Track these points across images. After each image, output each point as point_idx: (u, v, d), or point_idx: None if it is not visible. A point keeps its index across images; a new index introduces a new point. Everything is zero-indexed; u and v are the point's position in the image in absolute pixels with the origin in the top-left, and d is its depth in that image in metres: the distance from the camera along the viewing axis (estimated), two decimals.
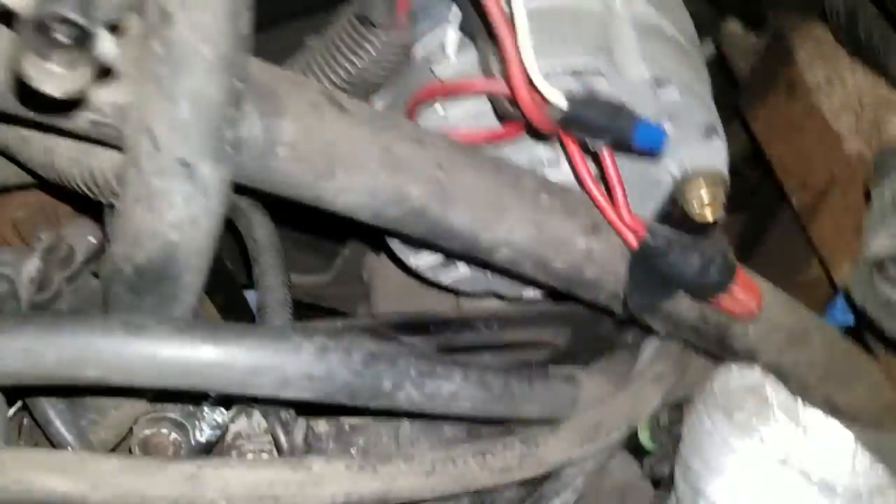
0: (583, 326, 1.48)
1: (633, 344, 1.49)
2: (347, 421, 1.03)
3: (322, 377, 0.74)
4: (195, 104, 0.71)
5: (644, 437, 1.15)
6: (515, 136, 1.00)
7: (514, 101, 0.88)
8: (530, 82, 0.82)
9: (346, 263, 1.58)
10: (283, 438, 0.86)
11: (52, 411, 0.83)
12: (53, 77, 0.53)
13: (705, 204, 1.01)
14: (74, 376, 0.67)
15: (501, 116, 0.96)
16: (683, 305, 1.04)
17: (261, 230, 1.13)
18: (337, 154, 0.88)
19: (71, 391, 0.86)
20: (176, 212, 0.74)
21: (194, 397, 0.91)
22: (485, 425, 1.03)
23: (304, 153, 0.86)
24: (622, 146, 0.88)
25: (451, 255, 1.15)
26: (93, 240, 1.14)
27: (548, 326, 1.47)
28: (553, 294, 1.40)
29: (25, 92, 0.67)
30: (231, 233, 1.27)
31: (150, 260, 0.76)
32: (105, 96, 0.81)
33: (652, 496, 1.12)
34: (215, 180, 0.76)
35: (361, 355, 0.76)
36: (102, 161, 0.93)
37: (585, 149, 0.91)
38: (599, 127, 0.84)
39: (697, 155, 1.05)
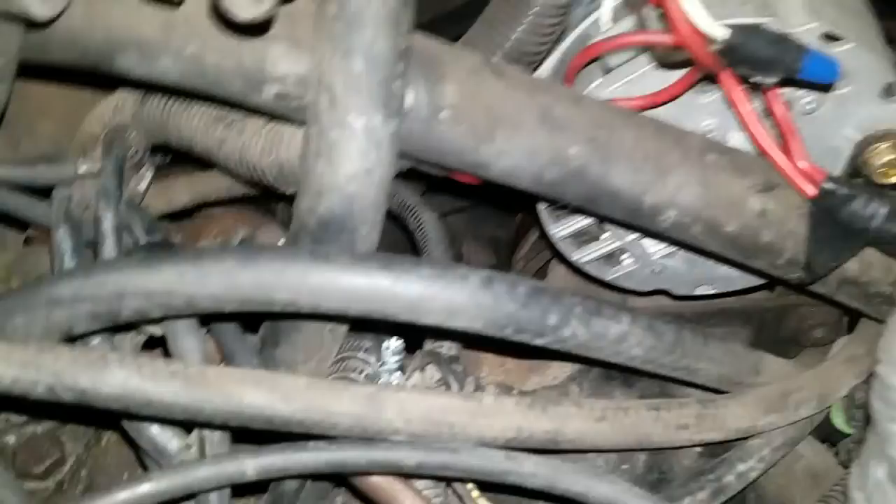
0: (765, 325, 1.41)
1: (822, 343, 1.40)
2: (516, 387, 1.04)
3: (488, 306, 0.76)
4: (367, 58, 0.79)
5: (839, 421, 1.06)
6: (676, 95, 1.00)
7: (675, 46, 0.90)
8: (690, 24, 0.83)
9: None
10: (455, 387, 0.89)
11: (247, 367, 0.91)
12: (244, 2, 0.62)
13: (888, 166, 0.96)
14: (267, 299, 0.74)
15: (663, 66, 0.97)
16: (870, 259, 0.98)
17: (430, 226, 1.19)
18: (497, 115, 0.93)
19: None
20: (352, 164, 0.82)
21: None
22: (658, 398, 1.00)
23: (466, 116, 0.92)
24: (790, 81, 0.86)
25: (614, 222, 1.15)
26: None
27: (725, 325, 1.42)
28: (727, 291, 1.35)
29: None
30: (402, 231, 1.35)
31: (331, 212, 0.84)
32: (286, 68, 0.92)
33: None
34: (386, 133, 0.83)
35: (526, 288, 0.78)
36: (291, 151, 1.04)
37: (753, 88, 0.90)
38: (765, 58, 0.83)
39: (877, 115, 1.00)
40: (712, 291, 1.34)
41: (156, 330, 0.89)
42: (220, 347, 0.94)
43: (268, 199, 1.47)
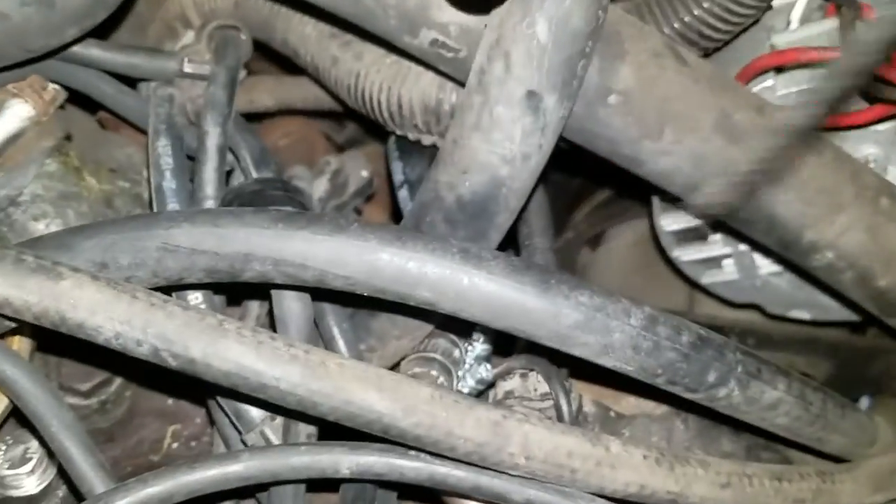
0: (850, 363, 1.33)
1: None
2: (613, 408, 0.97)
3: (647, 351, 0.67)
4: (558, 30, 0.67)
5: None
6: (862, 124, 0.90)
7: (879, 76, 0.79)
8: None
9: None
10: (565, 407, 0.81)
11: (336, 329, 0.82)
12: None
13: None
14: (405, 294, 0.65)
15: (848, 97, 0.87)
16: None
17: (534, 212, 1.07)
18: (670, 110, 0.82)
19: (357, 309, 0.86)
20: (512, 145, 0.71)
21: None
22: (764, 451, 0.93)
23: (637, 105, 0.81)
24: None
25: (757, 248, 1.06)
26: (365, 174, 1.15)
27: (809, 355, 1.34)
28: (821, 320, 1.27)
29: None
30: None
31: (473, 192, 0.73)
32: (453, 16, 0.80)
33: None
34: (556, 117, 0.72)
35: (691, 336, 0.69)
36: (414, 91, 0.92)
37: None
38: None
39: None
40: (807, 317, 1.26)
41: None
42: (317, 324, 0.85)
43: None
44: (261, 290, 0.78)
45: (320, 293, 0.80)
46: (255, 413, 0.77)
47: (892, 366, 1.31)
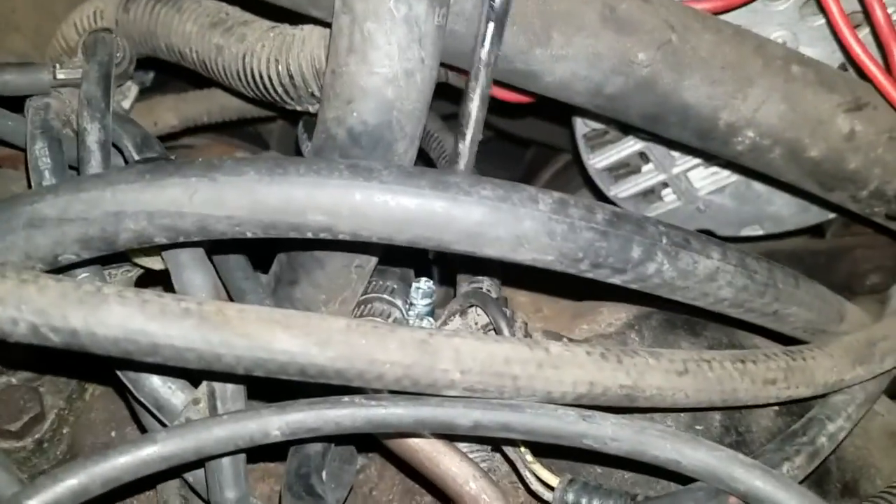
0: (816, 270, 1.30)
1: (878, 289, 1.29)
2: (564, 334, 0.92)
3: (562, 235, 0.63)
4: None
5: None
6: None
7: None
8: None
9: None
10: (506, 330, 0.76)
11: (246, 282, 0.78)
12: None
13: None
14: (297, 223, 0.61)
15: None
16: None
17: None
18: (553, 12, 0.79)
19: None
20: (391, 62, 0.68)
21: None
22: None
23: (518, 12, 0.78)
24: None
25: (678, 146, 1.03)
26: None
27: None
28: (775, 234, 1.24)
29: None
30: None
31: (363, 122, 0.70)
32: None
33: None
34: (431, 26, 0.69)
35: (606, 214, 0.65)
36: (301, 58, 0.90)
37: None
38: None
39: None
40: (760, 233, 1.23)
41: (153, 262, 0.75)
42: (226, 286, 0.81)
43: (264, 122, 1.32)
44: None
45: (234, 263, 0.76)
46: (177, 400, 0.71)
47: (858, 263, 1.28)
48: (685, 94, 0.83)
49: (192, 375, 0.73)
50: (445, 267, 0.99)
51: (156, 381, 0.71)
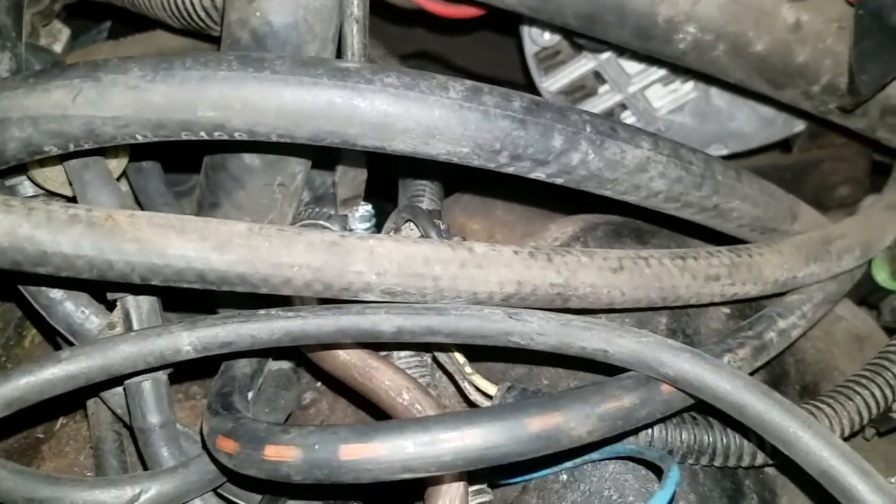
0: (784, 184, 1.26)
1: (848, 202, 1.26)
2: None
3: (476, 123, 0.60)
4: None
5: (882, 276, 0.92)
6: None
7: None
8: None
9: None
10: (433, 232, 0.73)
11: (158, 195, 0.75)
12: None
13: None
14: (186, 120, 0.57)
15: None
16: None
17: None
18: None
19: None
20: None
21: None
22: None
23: None
24: None
25: (621, 49, 0.98)
26: None
27: None
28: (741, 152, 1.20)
29: None
30: None
31: (267, 23, 0.66)
32: None
33: None
34: None
35: (523, 101, 0.62)
36: None
37: None
38: None
39: None
40: (725, 152, 1.19)
41: (61, 186, 0.72)
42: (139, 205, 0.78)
43: None
44: None
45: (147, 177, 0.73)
46: (91, 325, 0.69)
47: (826, 176, 1.24)
48: None
49: (106, 298, 0.70)
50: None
51: (69, 306, 0.68)
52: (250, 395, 0.68)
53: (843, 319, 0.91)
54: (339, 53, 0.72)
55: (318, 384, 0.93)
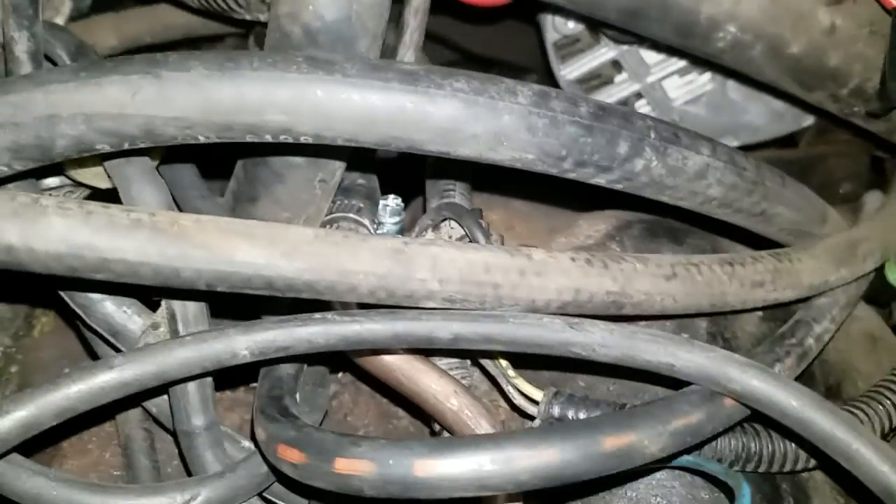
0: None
1: (850, 198, 1.28)
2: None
3: (545, 129, 0.59)
4: None
5: (895, 277, 0.94)
6: None
7: None
8: None
9: None
10: (482, 240, 0.72)
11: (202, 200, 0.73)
12: None
13: None
14: (253, 123, 0.55)
15: None
16: None
17: None
18: None
19: None
20: None
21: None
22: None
23: None
24: None
25: (657, 45, 0.98)
26: None
27: None
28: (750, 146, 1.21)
29: None
30: None
31: (320, 17, 0.63)
32: None
33: None
34: None
35: (590, 107, 0.61)
36: None
37: None
38: None
39: None
40: (736, 144, 1.20)
41: (97, 179, 0.69)
42: (179, 207, 0.75)
43: (213, 42, 1.23)
44: None
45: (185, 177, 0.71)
46: (134, 325, 0.66)
47: (831, 171, 1.25)
48: None
49: (149, 298, 0.68)
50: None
51: (109, 306, 0.66)
52: (298, 396, 0.67)
53: (858, 320, 0.93)
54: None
55: (340, 375, 0.92)
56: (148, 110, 0.54)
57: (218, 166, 0.80)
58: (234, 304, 0.72)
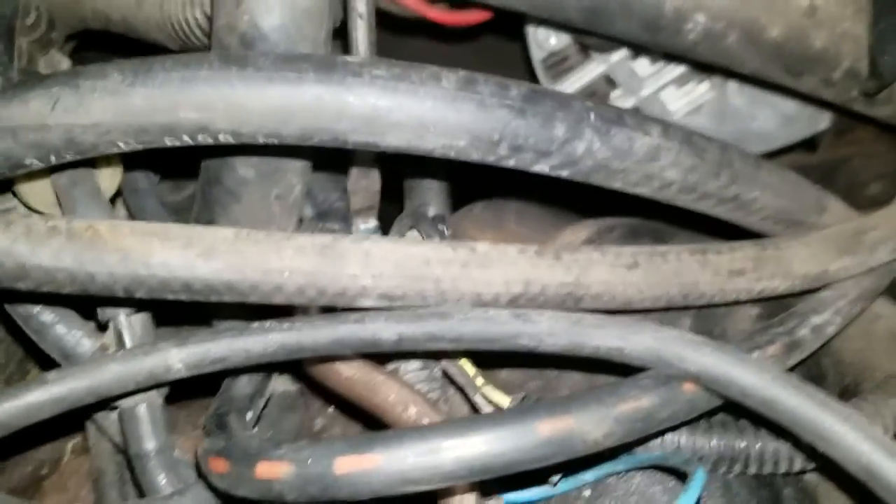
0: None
1: (881, 199, 1.20)
2: None
3: (472, 114, 0.56)
4: None
5: None
6: None
7: None
8: None
9: None
10: (436, 237, 0.70)
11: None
12: None
13: None
14: (168, 123, 0.55)
15: None
16: None
17: None
18: None
19: None
20: None
21: None
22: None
23: None
24: None
25: (630, 45, 0.95)
26: None
27: None
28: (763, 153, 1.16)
29: None
30: None
31: (255, 26, 0.64)
32: None
33: None
34: None
35: (522, 89, 0.58)
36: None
37: None
38: None
39: None
40: None
41: (52, 208, 0.70)
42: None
43: None
44: None
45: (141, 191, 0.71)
46: (83, 348, 0.66)
47: (856, 173, 1.19)
48: None
49: (100, 321, 0.67)
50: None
51: (60, 330, 0.66)
52: (249, 415, 0.65)
53: (882, 318, 0.85)
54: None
55: (330, 409, 0.89)
56: (67, 119, 0.55)
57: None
58: (194, 319, 0.72)
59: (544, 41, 1.05)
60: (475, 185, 0.94)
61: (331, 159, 0.81)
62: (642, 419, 0.52)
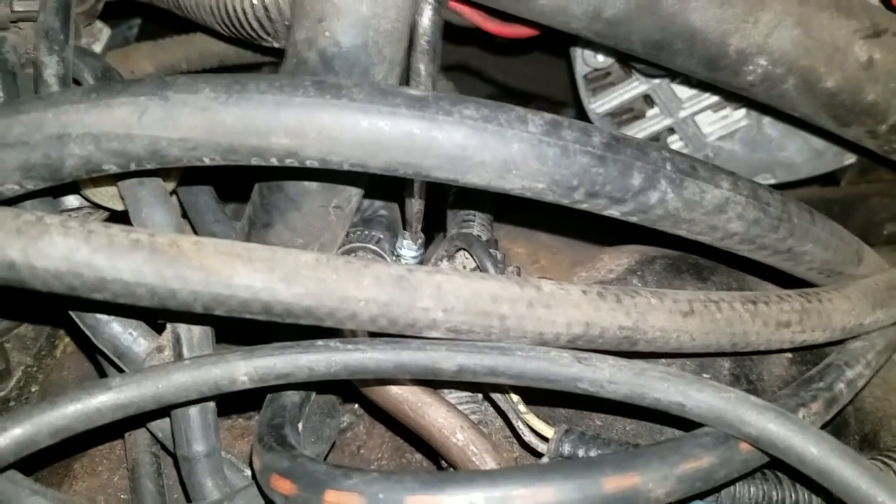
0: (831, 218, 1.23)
1: (893, 239, 1.23)
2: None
3: (554, 159, 0.57)
4: None
5: None
6: None
7: None
8: None
9: None
10: (491, 270, 0.71)
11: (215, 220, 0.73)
12: None
13: None
14: (258, 146, 0.55)
15: None
16: None
17: None
18: None
19: None
20: None
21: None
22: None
23: None
24: None
25: (685, 77, 0.96)
26: None
27: None
28: (788, 183, 1.18)
29: None
30: None
31: (336, 43, 0.64)
32: None
33: None
34: None
35: (604, 137, 0.59)
36: None
37: None
38: None
39: None
40: (772, 181, 1.16)
41: (113, 201, 0.70)
42: (195, 231, 0.75)
43: (247, 70, 1.25)
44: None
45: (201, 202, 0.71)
46: (139, 348, 0.66)
47: (874, 211, 1.21)
48: (692, 17, 0.77)
49: (156, 321, 0.67)
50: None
51: (116, 327, 0.66)
52: (300, 426, 0.66)
53: None
54: (407, 79, 0.70)
55: (355, 406, 0.91)
56: (154, 131, 0.54)
57: (239, 191, 0.80)
58: (244, 331, 0.72)
59: (590, 58, 1.05)
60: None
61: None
62: (702, 478, 0.54)
